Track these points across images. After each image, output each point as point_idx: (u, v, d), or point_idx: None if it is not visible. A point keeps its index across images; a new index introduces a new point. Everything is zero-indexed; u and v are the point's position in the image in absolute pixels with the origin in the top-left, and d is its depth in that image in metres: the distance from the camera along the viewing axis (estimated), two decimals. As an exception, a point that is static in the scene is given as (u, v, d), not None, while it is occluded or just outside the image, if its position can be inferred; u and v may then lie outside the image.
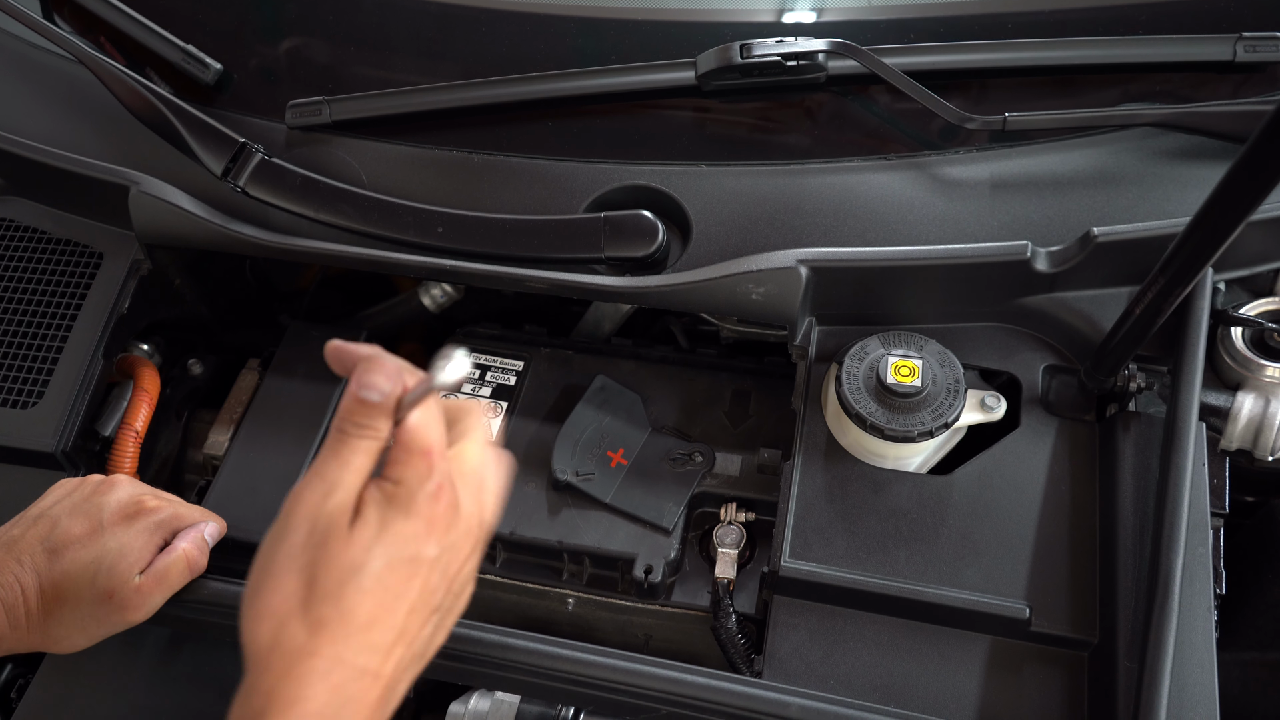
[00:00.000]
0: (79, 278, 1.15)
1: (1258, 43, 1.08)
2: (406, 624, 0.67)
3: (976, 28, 1.16)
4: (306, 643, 0.64)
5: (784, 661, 0.94)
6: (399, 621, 0.67)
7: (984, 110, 1.07)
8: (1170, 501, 0.91)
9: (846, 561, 0.96)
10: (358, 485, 0.67)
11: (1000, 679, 0.93)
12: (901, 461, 1.03)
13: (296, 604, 0.65)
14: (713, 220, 1.09)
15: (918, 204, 1.07)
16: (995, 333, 1.07)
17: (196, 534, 0.95)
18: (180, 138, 1.12)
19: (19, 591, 0.87)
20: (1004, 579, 0.95)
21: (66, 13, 1.29)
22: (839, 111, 1.16)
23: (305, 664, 0.64)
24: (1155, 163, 1.07)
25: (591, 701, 0.92)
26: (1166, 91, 1.11)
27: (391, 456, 0.68)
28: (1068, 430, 1.02)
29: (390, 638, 0.67)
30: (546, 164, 1.14)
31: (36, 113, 1.22)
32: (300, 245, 1.10)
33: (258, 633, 0.66)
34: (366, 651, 0.65)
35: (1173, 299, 0.85)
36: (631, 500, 1.05)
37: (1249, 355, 1.01)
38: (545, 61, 1.19)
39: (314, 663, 0.64)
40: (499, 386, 1.16)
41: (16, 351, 1.11)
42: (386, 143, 1.17)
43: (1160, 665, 0.85)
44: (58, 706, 1.00)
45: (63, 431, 1.07)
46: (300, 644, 0.64)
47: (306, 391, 1.15)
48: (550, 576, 1.07)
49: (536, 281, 1.06)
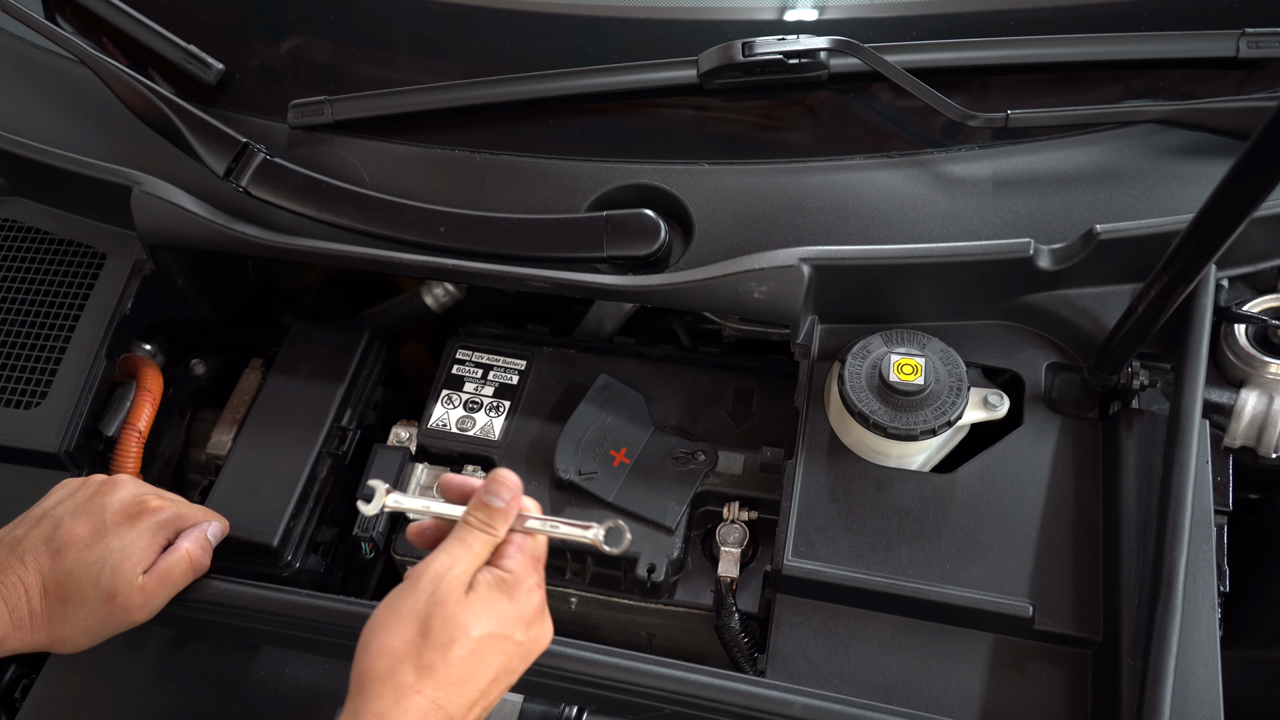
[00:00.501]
0: (82, 278, 1.15)
1: (1260, 39, 1.08)
2: (488, 689, 0.79)
3: (979, 25, 1.16)
4: (414, 682, 0.75)
5: (787, 660, 0.94)
6: (483, 685, 0.78)
7: (986, 107, 1.07)
8: (1174, 499, 0.91)
9: (850, 560, 0.96)
10: (475, 566, 0.81)
11: (1004, 677, 0.93)
12: (904, 460, 1.03)
13: (412, 648, 0.77)
14: (715, 219, 1.09)
15: (920, 202, 1.07)
16: (998, 330, 1.07)
17: (199, 534, 0.95)
18: (182, 138, 1.12)
19: (22, 592, 0.88)
20: (1007, 577, 0.95)
21: (68, 13, 1.29)
22: (841, 109, 1.16)
23: (410, 699, 0.75)
24: (1158, 159, 1.07)
25: (595, 701, 0.92)
26: (1169, 88, 1.11)
27: (505, 552, 0.83)
28: (1071, 428, 1.02)
29: (474, 696, 0.78)
30: (548, 163, 1.14)
31: (39, 113, 1.22)
32: (303, 245, 1.10)
33: (375, 664, 0.76)
34: (455, 702, 0.76)
35: (1176, 296, 0.85)
36: (634, 499, 1.05)
37: (1252, 352, 1.01)
38: (547, 60, 1.19)
39: (417, 700, 0.75)
40: (501, 386, 1.16)
41: (20, 352, 1.12)
42: (388, 142, 1.17)
43: (1164, 663, 0.85)
44: (62, 706, 1.00)
45: (66, 431, 1.07)
46: (409, 682, 0.75)
47: (309, 391, 1.15)
48: (553, 575, 1.07)
49: (539, 280, 1.06)
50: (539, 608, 0.83)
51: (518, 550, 0.83)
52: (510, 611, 0.80)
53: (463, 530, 0.82)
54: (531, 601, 0.82)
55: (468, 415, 1.13)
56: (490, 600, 0.80)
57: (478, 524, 0.82)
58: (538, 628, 0.83)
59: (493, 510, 0.82)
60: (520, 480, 0.84)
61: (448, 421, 1.13)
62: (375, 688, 0.75)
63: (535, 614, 0.82)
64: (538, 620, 0.83)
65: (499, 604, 0.80)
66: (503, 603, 0.80)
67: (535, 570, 0.84)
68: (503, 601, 0.80)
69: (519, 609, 0.81)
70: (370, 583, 1.22)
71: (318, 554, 1.11)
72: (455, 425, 1.13)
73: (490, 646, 0.78)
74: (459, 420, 1.13)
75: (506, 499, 0.83)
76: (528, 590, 0.82)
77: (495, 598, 0.80)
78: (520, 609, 0.81)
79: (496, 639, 0.79)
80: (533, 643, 0.82)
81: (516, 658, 0.81)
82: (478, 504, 0.83)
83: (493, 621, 0.79)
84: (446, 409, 1.14)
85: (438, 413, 1.14)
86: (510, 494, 0.83)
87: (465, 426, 1.13)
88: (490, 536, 0.82)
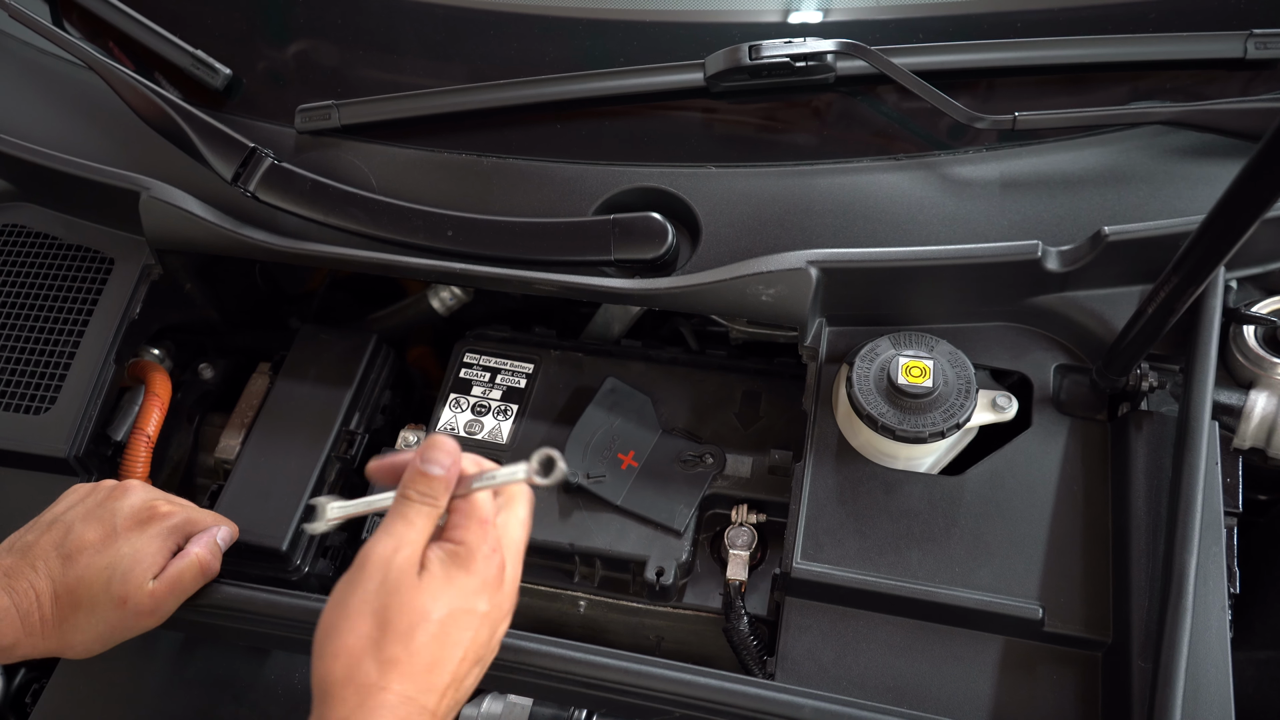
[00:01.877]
0: (90, 283, 1.15)
1: (1268, 39, 1.08)
2: (459, 669, 0.75)
3: (985, 27, 1.16)
4: (378, 679, 0.71)
5: (796, 663, 0.94)
6: (454, 666, 0.74)
7: (993, 109, 1.06)
8: (1183, 500, 0.91)
9: (858, 562, 0.96)
10: (422, 544, 0.76)
11: (1014, 680, 0.92)
12: (913, 462, 1.02)
13: (369, 644, 0.72)
14: (722, 221, 1.09)
15: (928, 204, 1.07)
16: (1006, 332, 1.07)
17: (209, 538, 0.96)
18: (190, 143, 1.12)
19: (34, 597, 0.88)
20: (1016, 579, 0.95)
21: (76, 19, 1.29)
22: (848, 112, 1.16)
23: (376, 698, 0.70)
24: (1166, 161, 1.07)
25: (604, 704, 0.92)
26: (1177, 89, 1.11)
27: (453, 522, 0.78)
28: (1080, 430, 1.01)
29: (446, 680, 0.74)
30: (555, 166, 1.14)
31: (47, 119, 1.23)
32: (310, 249, 1.10)
33: (332, 668, 0.72)
34: (427, 691, 0.72)
35: (1185, 298, 0.84)
36: (642, 502, 1.05)
37: (1262, 353, 1.01)
38: (553, 64, 1.19)
39: (384, 697, 0.70)
40: (509, 389, 1.16)
41: (29, 357, 1.12)
42: (395, 146, 1.17)
43: (1174, 665, 0.85)
44: (72, 711, 1.01)
45: (75, 437, 1.08)
46: (373, 680, 0.71)
47: (317, 394, 1.16)
48: (562, 579, 1.07)
49: (546, 284, 1.06)
50: (497, 572, 0.78)
51: (465, 518, 0.77)
52: (469, 584, 0.75)
53: (402, 505, 0.77)
54: (490, 568, 0.77)
55: (476, 419, 1.14)
56: (447, 577, 0.75)
57: (418, 497, 0.77)
58: (500, 594, 0.78)
59: (432, 479, 0.77)
60: (457, 443, 0.79)
61: (456, 425, 1.13)
62: (337, 693, 0.71)
63: (495, 580, 0.77)
64: (500, 582, 0.78)
65: (457, 579, 0.75)
66: (461, 577, 0.75)
67: (486, 534, 0.78)
68: (460, 576, 0.75)
69: (478, 579, 0.76)
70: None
71: (327, 558, 1.12)
72: (463, 428, 1.13)
73: (454, 624, 0.74)
74: (467, 424, 1.13)
75: (446, 464, 0.77)
76: (484, 558, 0.77)
77: (452, 573, 0.75)
78: (479, 578, 0.76)
79: (459, 615, 0.74)
80: (496, 610, 0.78)
81: (485, 629, 0.77)
82: (415, 475, 0.77)
83: (453, 598, 0.74)
84: (454, 412, 1.14)
85: (446, 416, 1.14)
86: (449, 459, 0.77)
87: (473, 430, 1.13)
88: (433, 509, 0.77)
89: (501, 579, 0.78)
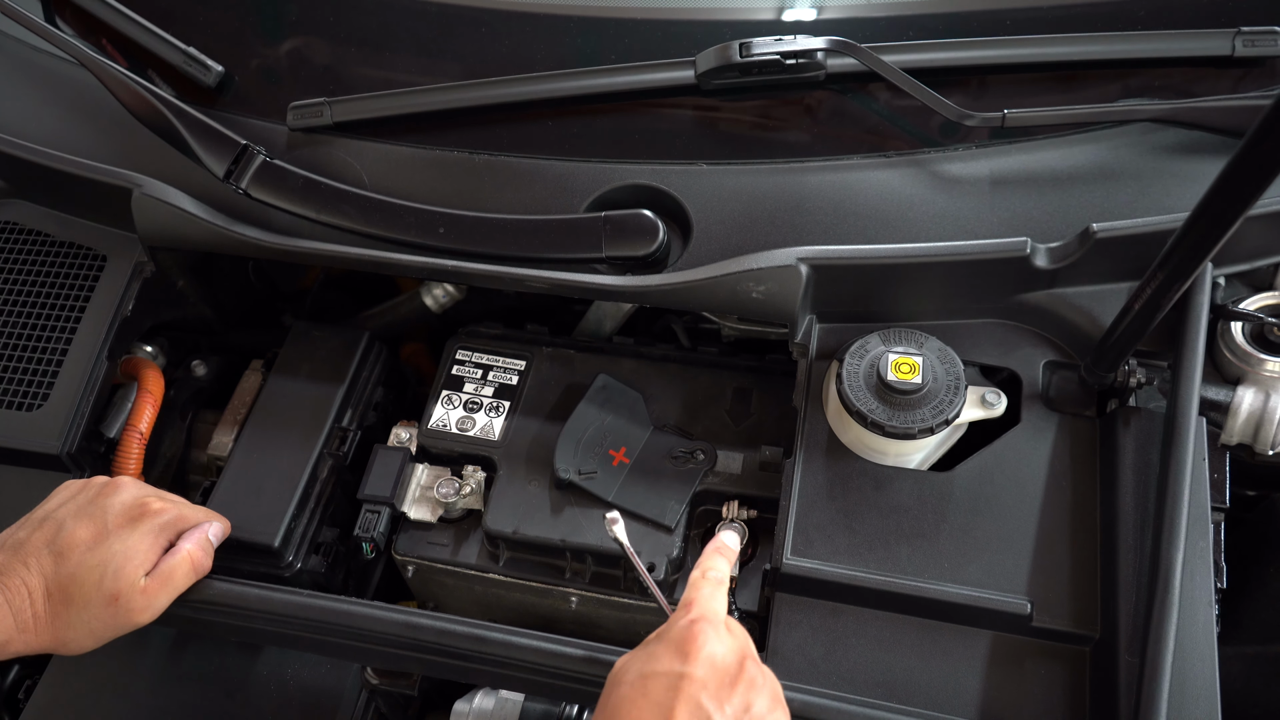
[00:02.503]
0: (83, 280, 1.15)
1: (1256, 37, 1.08)
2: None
3: (975, 24, 1.16)
4: None
5: (786, 658, 0.95)
6: None
7: (983, 107, 1.07)
8: (1171, 496, 0.91)
9: (848, 558, 0.97)
10: None
11: (1002, 674, 0.93)
12: (902, 458, 1.03)
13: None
14: (713, 219, 1.09)
15: (917, 201, 1.08)
16: (995, 329, 1.07)
17: (201, 535, 0.96)
18: (182, 140, 1.12)
19: (26, 595, 0.88)
20: (1005, 575, 0.95)
21: (68, 16, 1.29)
22: (838, 109, 1.16)
23: None
24: (1154, 158, 1.07)
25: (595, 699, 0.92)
26: (1165, 86, 1.11)
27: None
28: (1068, 426, 1.02)
29: None
30: (547, 164, 1.14)
31: (39, 116, 1.23)
32: (303, 246, 1.10)
33: None
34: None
35: (1172, 294, 0.85)
36: (634, 498, 1.06)
37: (1249, 350, 1.01)
38: (545, 61, 1.19)
39: None
40: (501, 386, 1.16)
41: (21, 354, 1.12)
42: (388, 144, 1.17)
43: (1161, 659, 0.85)
44: (65, 707, 1.01)
45: (67, 433, 1.08)
46: None
47: (310, 391, 1.16)
48: (553, 575, 1.07)
49: (538, 281, 1.07)
50: (701, 635, 0.81)
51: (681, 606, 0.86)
52: (659, 648, 0.80)
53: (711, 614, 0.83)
54: (688, 634, 0.81)
55: (468, 415, 1.14)
56: (644, 645, 0.82)
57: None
58: (710, 652, 0.81)
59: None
60: None
61: (448, 422, 1.14)
62: None
63: (696, 642, 0.80)
64: (703, 647, 0.81)
65: (650, 646, 0.81)
66: (654, 644, 0.81)
67: (689, 610, 0.84)
68: (654, 644, 0.81)
69: (671, 644, 0.80)
70: (371, 583, 1.23)
71: (319, 554, 1.12)
72: (455, 425, 1.13)
73: (650, 685, 0.78)
74: (459, 420, 1.14)
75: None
76: (682, 628, 0.81)
77: (649, 642, 0.82)
78: (673, 644, 0.80)
79: (650, 676, 0.78)
80: (712, 673, 0.80)
81: (695, 689, 0.78)
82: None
83: (640, 663, 0.80)
84: (446, 409, 1.14)
85: (438, 413, 1.14)
86: None
87: (465, 427, 1.13)
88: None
89: (705, 642, 0.81)
